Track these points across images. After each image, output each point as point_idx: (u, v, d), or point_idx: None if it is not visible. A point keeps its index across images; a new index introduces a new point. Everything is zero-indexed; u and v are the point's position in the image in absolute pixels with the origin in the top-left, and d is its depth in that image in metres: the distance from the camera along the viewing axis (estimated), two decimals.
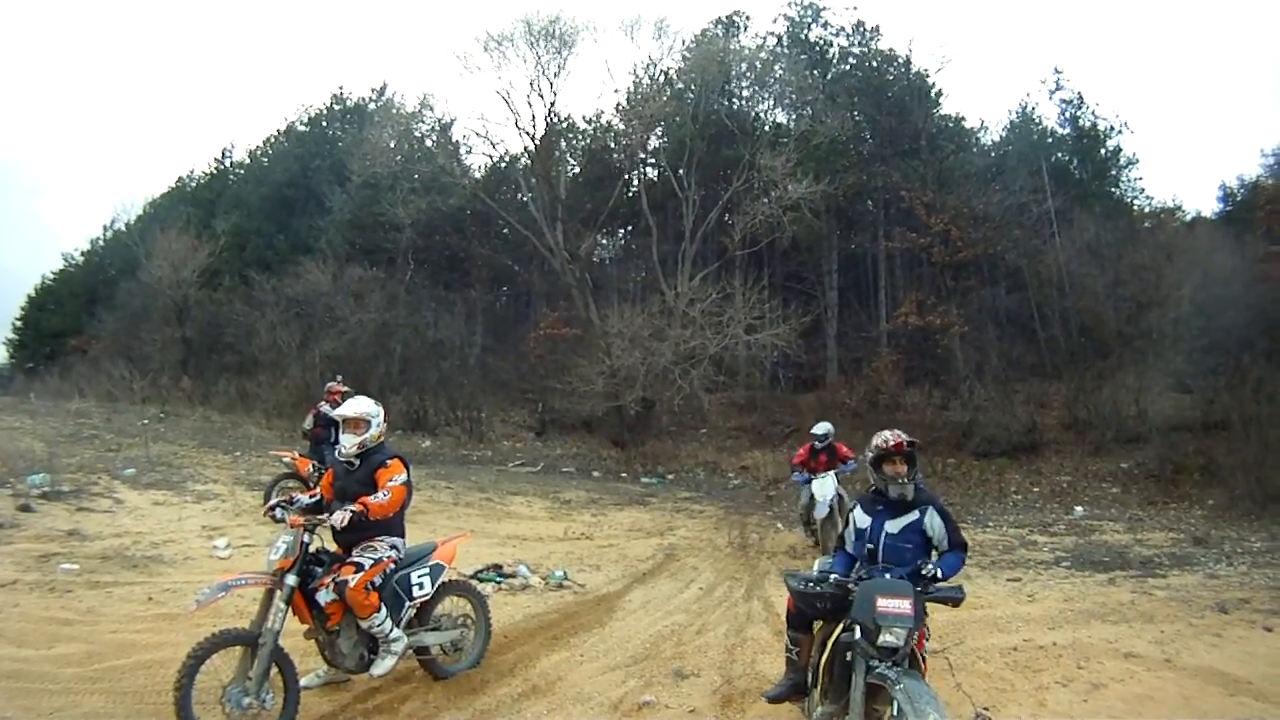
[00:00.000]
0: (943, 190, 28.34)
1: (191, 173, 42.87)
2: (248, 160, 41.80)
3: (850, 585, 5.20)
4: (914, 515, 5.61)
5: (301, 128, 40.26)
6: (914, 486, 5.65)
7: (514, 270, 33.92)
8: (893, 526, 5.60)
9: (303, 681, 6.17)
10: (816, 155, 28.83)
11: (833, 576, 5.37)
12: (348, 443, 6.70)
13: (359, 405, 6.80)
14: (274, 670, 5.76)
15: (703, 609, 9.41)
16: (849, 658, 5.00)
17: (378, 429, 6.75)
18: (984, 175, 30.06)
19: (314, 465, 12.78)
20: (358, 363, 25.48)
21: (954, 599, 5.25)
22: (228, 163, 42.53)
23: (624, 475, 22.14)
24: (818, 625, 5.68)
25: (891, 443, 5.63)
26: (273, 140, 41.14)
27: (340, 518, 6.22)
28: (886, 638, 4.72)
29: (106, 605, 8.42)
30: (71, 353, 33.48)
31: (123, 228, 37.85)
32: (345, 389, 13.02)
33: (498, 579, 10.15)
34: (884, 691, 4.73)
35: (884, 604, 4.79)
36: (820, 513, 11.87)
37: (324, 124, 39.90)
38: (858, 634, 4.88)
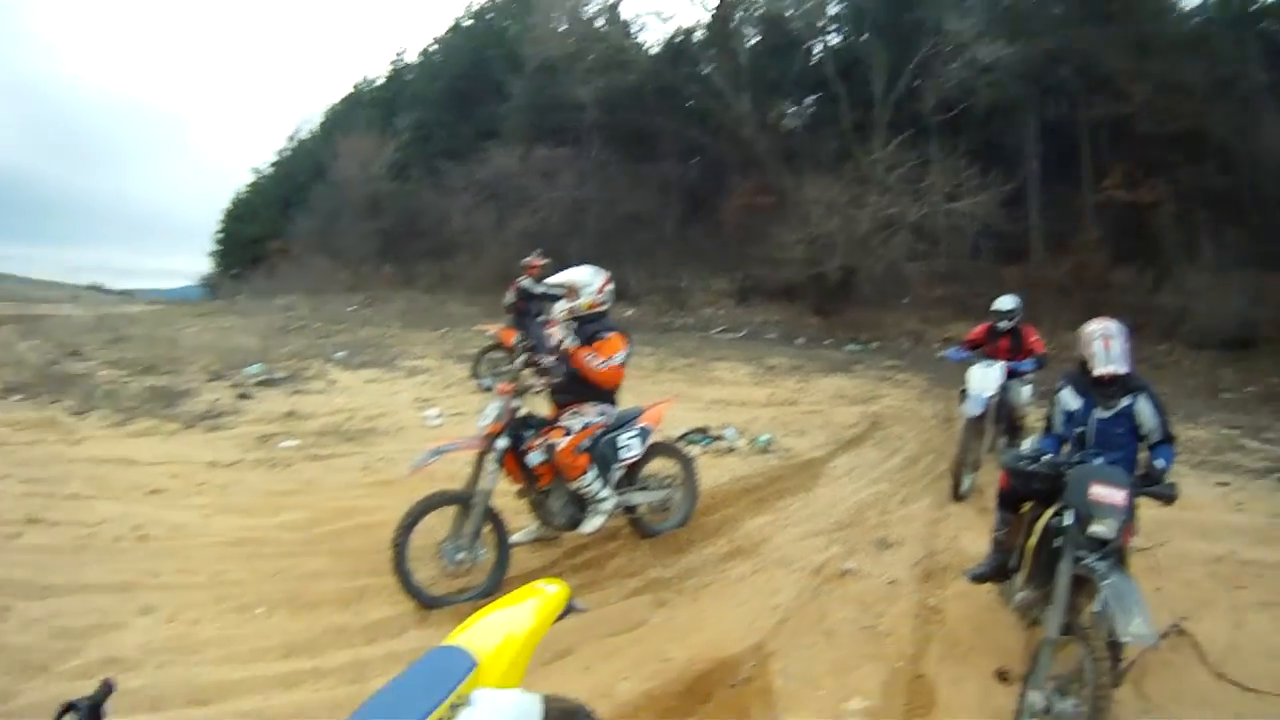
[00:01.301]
0: (1143, 58, 25.38)
1: (365, 79, 43.55)
2: (421, 60, 41.96)
3: (1065, 468, 4.76)
4: (1126, 401, 5.12)
5: (469, 22, 40.06)
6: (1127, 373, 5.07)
7: (703, 142, 32.91)
8: (1103, 411, 5.15)
9: (514, 538, 6.42)
10: (1007, 18, 26.60)
11: (1046, 457, 4.97)
12: (558, 308, 6.73)
13: (570, 273, 6.74)
14: (486, 527, 6.05)
15: (907, 479, 9.03)
16: (1056, 544, 4.63)
17: (589, 298, 6.65)
18: (1186, 44, 26.53)
19: (518, 337, 12.69)
20: (553, 238, 25.19)
21: (1168, 496, 4.70)
22: (402, 65, 42.88)
23: (827, 342, 21.59)
24: (1026, 506, 5.31)
25: (1103, 371, 5.03)
26: (442, 39, 41.09)
27: (560, 337, 6.56)
28: (1097, 528, 4.31)
29: (325, 476, 8.71)
30: (273, 255, 34.73)
31: (306, 137, 38.81)
32: (543, 261, 13.21)
33: (704, 441, 9.96)
34: (1089, 584, 4.34)
35: (1097, 492, 4.37)
36: (970, 409, 8.91)
37: (490, 17, 39.56)
38: (1068, 519, 4.49)
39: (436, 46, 41.22)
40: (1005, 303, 9.63)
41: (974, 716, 4.43)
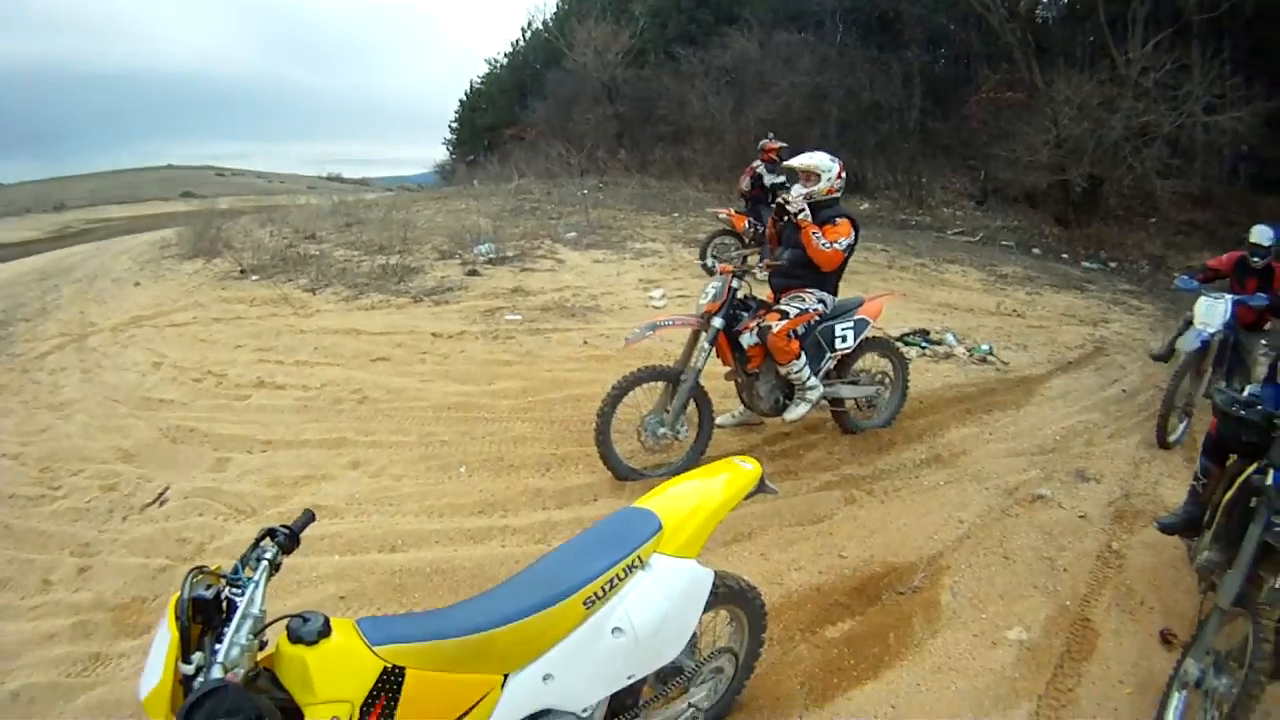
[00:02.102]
0: None
1: None
2: None
3: (1278, 419, 4.09)
4: None
5: None
6: None
7: (950, 30, 30.89)
8: None
9: (718, 420, 6.36)
10: None
11: (1260, 406, 4.29)
12: (796, 192, 6.34)
13: (810, 158, 6.39)
14: (691, 406, 5.98)
15: (1121, 413, 8.14)
16: (1251, 504, 3.97)
17: (828, 184, 6.30)
18: None
19: (750, 222, 12.47)
20: (792, 125, 24.33)
21: None
22: None
23: (1064, 256, 19.93)
24: (1232, 459, 4.60)
25: None
26: None
27: (798, 202, 6.17)
28: None
29: (544, 349, 8.78)
30: (508, 141, 34.91)
31: (540, 26, 38.85)
32: (779, 145, 12.74)
33: (923, 344, 9.45)
34: (1278, 557, 3.74)
35: None
36: (1187, 344, 7.68)
37: None
38: (1270, 479, 3.80)
39: None
40: (1263, 234, 8.11)
41: (1127, 674, 4.03)
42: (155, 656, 1.97)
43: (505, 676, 2.44)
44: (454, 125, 42.92)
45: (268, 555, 2.25)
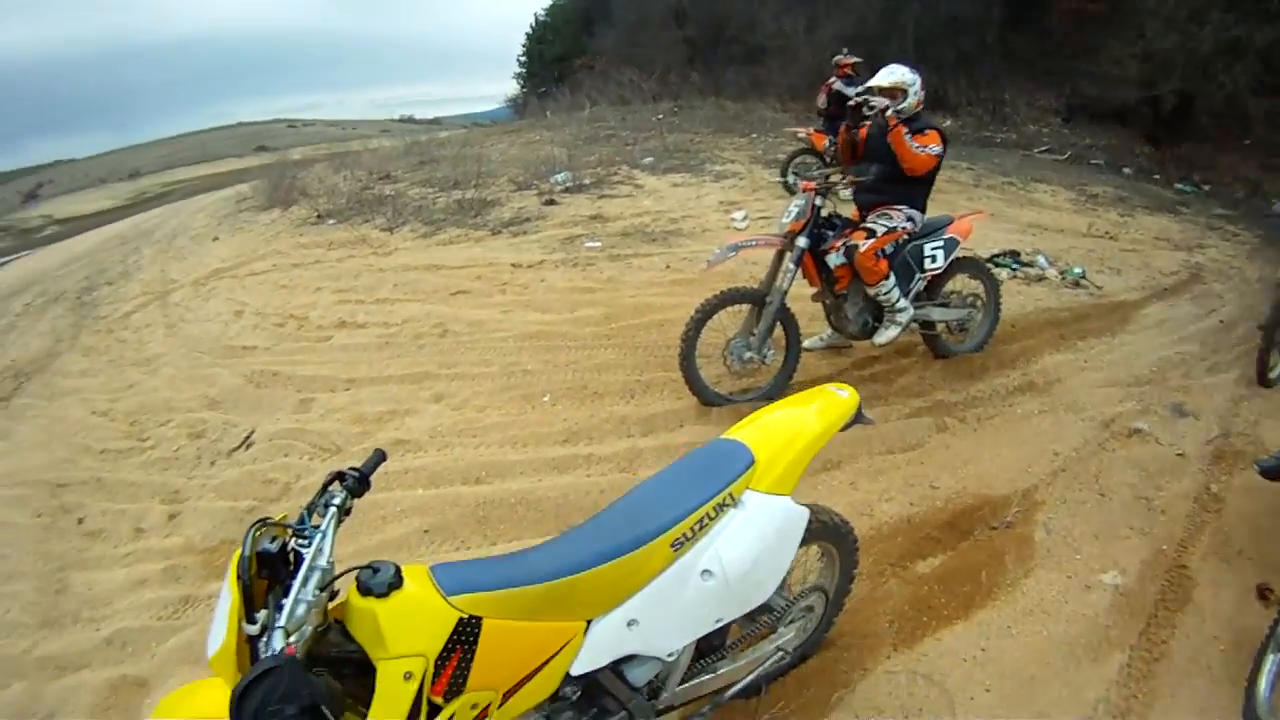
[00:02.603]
0: None
1: None
2: None
3: None
4: None
5: None
6: None
7: None
8: None
9: (805, 343, 6.28)
10: None
11: None
12: (878, 106, 6.01)
13: (892, 73, 6.03)
14: (778, 329, 5.77)
15: (1219, 345, 7.68)
16: None
17: (915, 97, 5.96)
18: None
19: (830, 140, 11.99)
20: (867, 41, 23.54)
21: None
22: None
23: (1156, 177, 19.01)
24: None
25: None
26: None
27: (883, 103, 5.88)
28: None
29: (625, 275, 8.59)
30: (578, 71, 34.53)
31: None
32: (855, 60, 12.47)
33: (1014, 266, 9.03)
34: None
35: None
36: None
37: None
38: None
39: None
40: None
41: (1222, 629, 3.75)
42: (220, 615, 1.85)
43: (588, 623, 2.31)
44: (522, 59, 42.68)
45: (335, 501, 2.11)
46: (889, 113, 5.76)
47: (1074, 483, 4.88)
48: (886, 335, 6.01)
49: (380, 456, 2.42)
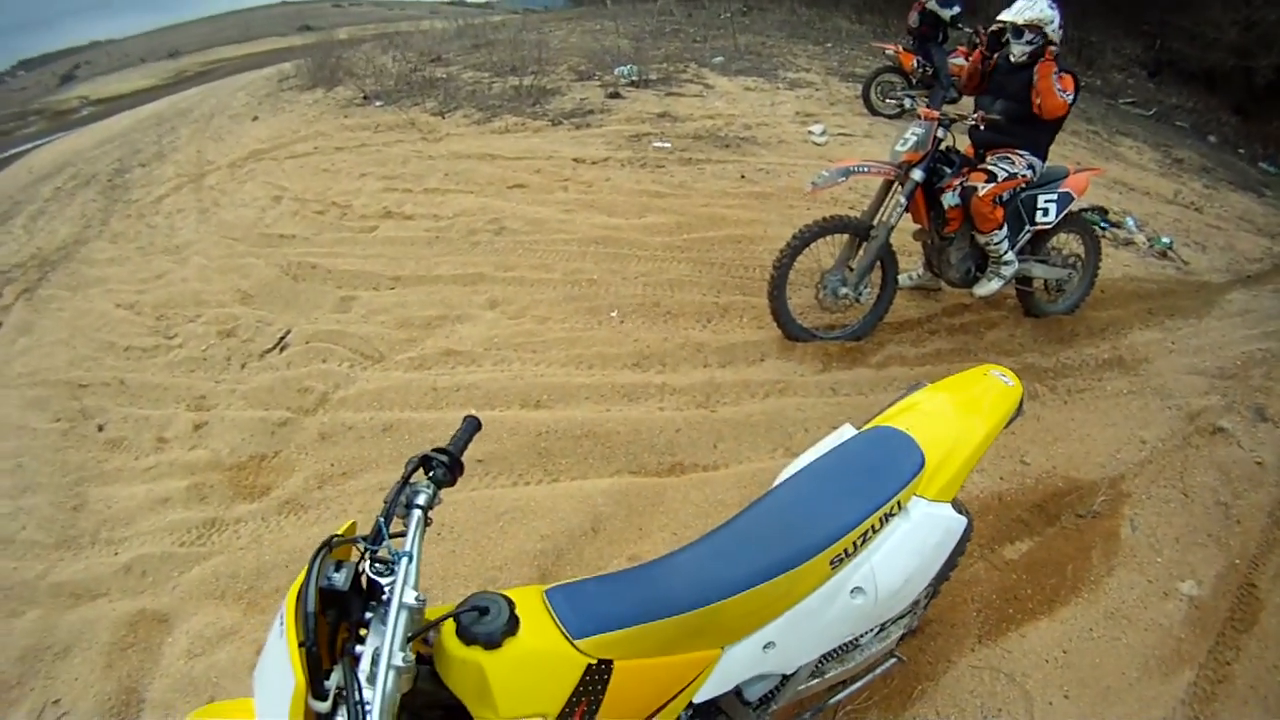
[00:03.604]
0: None
1: None
2: None
3: None
4: None
5: None
6: None
7: None
8: None
9: (899, 278, 5.78)
10: None
11: None
12: (1017, 52, 5.40)
13: (1032, 8, 5.34)
14: (876, 266, 5.42)
15: None
16: None
17: (1055, 35, 5.33)
18: None
19: (918, 61, 11.44)
20: None
21: None
22: None
23: (1241, 151, 18.12)
24: None
25: None
26: None
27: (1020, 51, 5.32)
28: None
29: (698, 181, 8.01)
30: None
31: None
32: None
33: (1103, 225, 8.27)
34: None
35: None
36: None
37: None
38: None
39: None
40: None
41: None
42: (273, 679, 1.39)
43: (723, 648, 1.94)
44: None
45: (421, 502, 1.65)
46: (1044, 53, 5.23)
47: (1159, 477, 4.54)
48: (989, 288, 5.67)
49: (474, 426, 1.99)
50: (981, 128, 5.38)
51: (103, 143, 14.19)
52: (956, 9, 11.24)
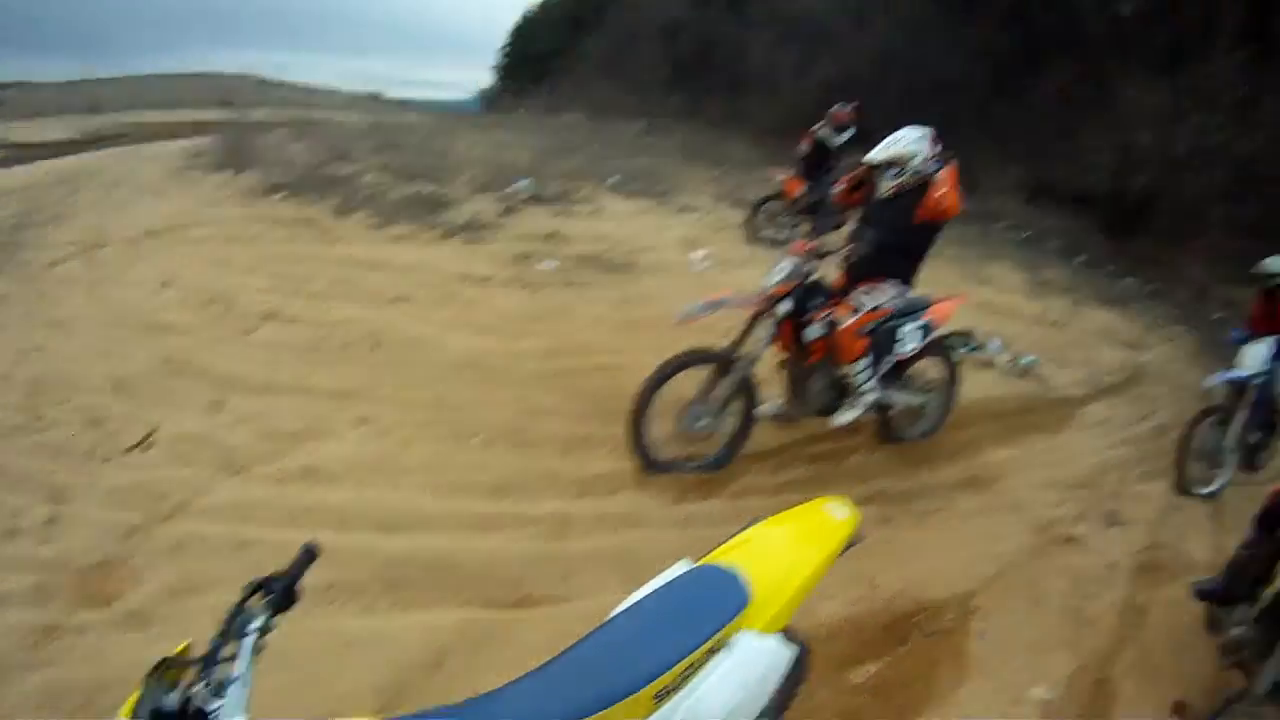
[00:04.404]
0: None
1: None
2: None
3: None
4: None
5: None
6: None
7: (1029, 12, 30.12)
8: None
9: (760, 409, 5.82)
10: None
11: None
12: (884, 187, 5.84)
13: (894, 147, 5.84)
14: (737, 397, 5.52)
15: (1153, 451, 7.72)
16: None
17: (920, 163, 5.81)
18: None
19: (803, 190, 11.97)
20: (855, 90, 23.65)
21: None
22: None
23: (1109, 269, 19.47)
24: None
25: None
26: None
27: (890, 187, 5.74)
28: None
29: (577, 305, 8.31)
30: (557, 74, 34.15)
31: None
32: (853, 114, 12.27)
33: (968, 349, 8.80)
34: None
35: None
36: (1207, 381, 7.73)
37: None
38: None
39: None
40: (1269, 264, 7.82)
41: None
42: None
43: None
44: (505, 51, 42.39)
45: (256, 624, 1.77)
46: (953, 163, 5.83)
47: (1010, 588, 4.83)
48: (847, 416, 5.81)
49: (310, 555, 2.05)
50: (851, 260, 5.68)
51: (4, 194, 14.01)
52: (845, 136, 11.83)
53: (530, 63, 38.74)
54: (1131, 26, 27.37)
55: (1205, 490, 6.94)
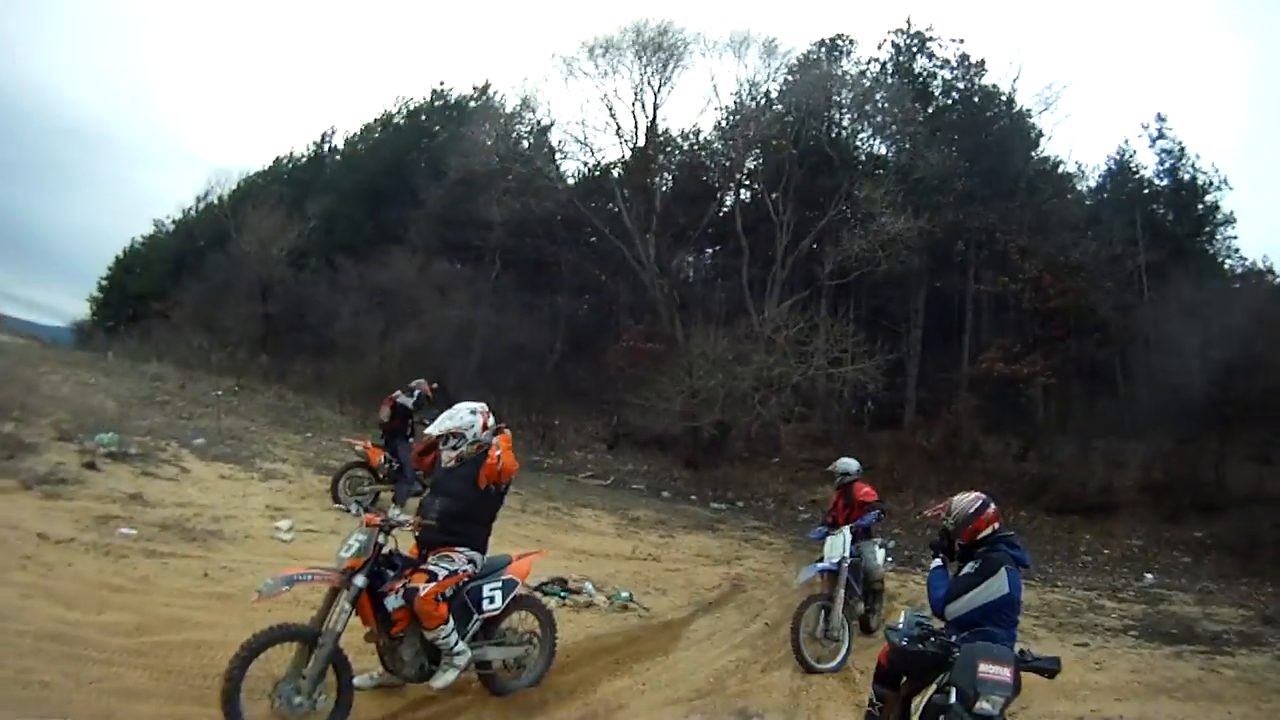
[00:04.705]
0: (1037, 236, 27.71)
1: (290, 154, 43.17)
2: (345, 148, 42.03)
3: (953, 647, 4.88)
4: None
5: (400, 120, 40.20)
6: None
7: (601, 280, 33.51)
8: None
9: (356, 681, 5.93)
10: (918, 190, 28.29)
11: (932, 639, 5.08)
12: (446, 458, 6.49)
13: (450, 420, 6.52)
14: (330, 672, 5.57)
15: (769, 646, 9.01)
16: None
17: (473, 438, 6.49)
18: (1079, 223, 28.85)
19: (385, 457, 12.58)
20: (437, 357, 25.14)
21: (1051, 669, 5.00)
22: (326, 148, 42.81)
23: (693, 498, 21.71)
24: (904, 682, 5.38)
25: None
26: (371, 129, 41.11)
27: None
28: (983, 705, 4.46)
29: (161, 576, 8.20)
30: (153, 316, 33.42)
31: (216, 200, 38.12)
32: (432, 390, 13.24)
33: (562, 594, 9.68)
34: None
35: (986, 670, 4.52)
36: (800, 577, 9.54)
37: (423, 117, 39.78)
38: (953, 697, 4.57)
39: (363, 136, 41.33)
40: (839, 464, 10.10)
41: None
42: None
43: None
44: (104, 284, 40.27)
45: None
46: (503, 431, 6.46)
47: None
48: (444, 679, 6.05)
49: None
50: (417, 533, 6.16)
51: None
52: (418, 394, 12.72)
53: (128, 301, 37.53)
54: (694, 288, 31.54)
55: (832, 665, 8.22)
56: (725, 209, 33.35)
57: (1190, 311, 23.32)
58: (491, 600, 6.41)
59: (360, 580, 5.71)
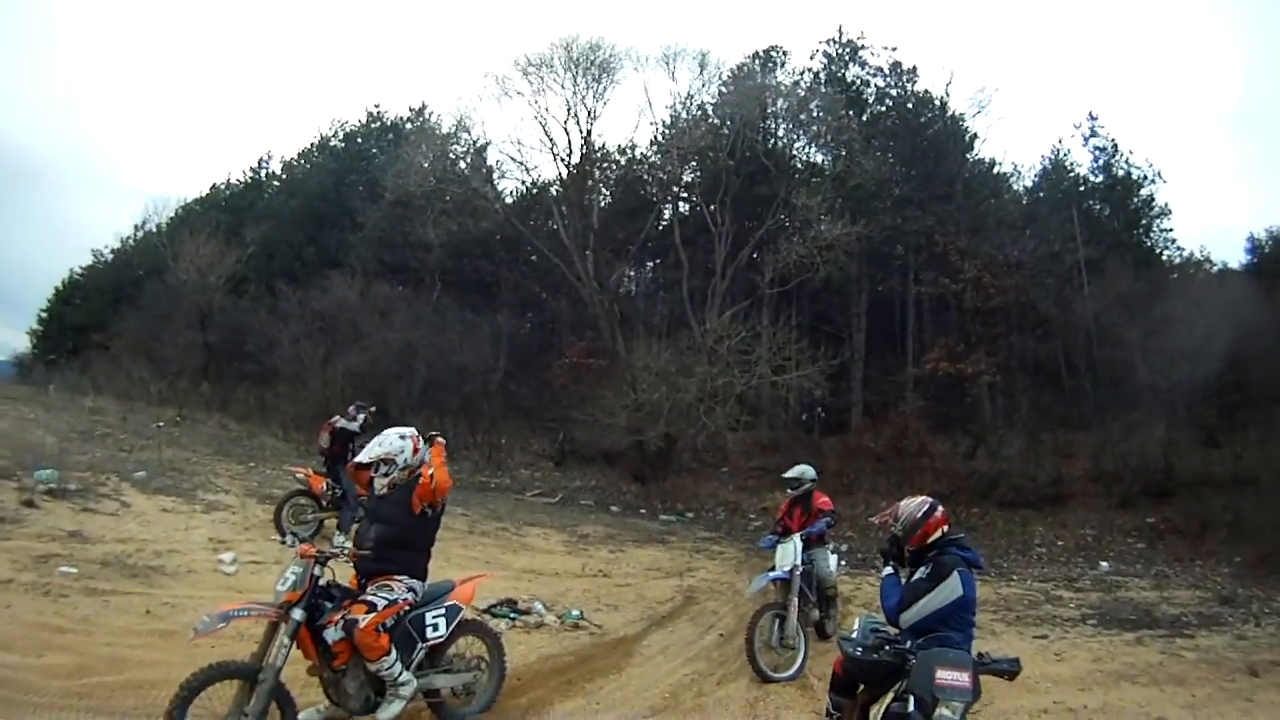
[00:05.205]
0: (975, 236, 28.12)
1: (227, 180, 42.65)
2: (282, 172, 41.62)
3: (909, 654, 4.90)
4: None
5: (337, 143, 39.96)
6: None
7: (541, 298, 33.66)
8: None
9: (301, 717, 5.83)
10: (855, 196, 28.68)
11: (887, 648, 5.09)
12: (378, 485, 6.46)
13: (379, 448, 6.45)
14: (272, 707, 5.44)
15: (724, 657, 9.01)
16: None
17: (404, 465, 6.39)
18: (1016, 222, 29.60)
19: (328, 484, 12.47)
20: (379, 380, 25.11)
21: (1011, 671, 5.04)
22: (263, 173, 42.37)
23: (643, 511, 21.80)
24: (860, 690, 5.39)
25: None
26: (308, 154, 40.74)
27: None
28: (943, 712, 4.46)
29: (102, 615, 8.09)
30: (93, 348, 33.00)
31: (154, 229, 37.63)
32: (373, 409, 13.26)
33: (511, 615, 9.67)
34: None
35: (943, 676, 4.52)
36: (752, 586, 9.55)
37: (359, 140, 39.62)
38: (911, 705, 4.58)
39: (300, 161, 40.90)
40: (792, 471, 9.96)
41: None
42: None
43: None
44: (43, 316, 39.62)
45: None
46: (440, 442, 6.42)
47: None
48: (390, 711, 5.91)
49: None
50: (345, 559, 6.08)
51: None
52: (361, 419, 12.67)
53: (68, 333, 37.03)
54: (635, 303, 31.75)
55: (788, 674, 8.21)
56: (664, 222, 33.73)
57: (1129, 303, 24.11)
58: (435, 627, 6.30)
59: (298, 614, 5.62)
